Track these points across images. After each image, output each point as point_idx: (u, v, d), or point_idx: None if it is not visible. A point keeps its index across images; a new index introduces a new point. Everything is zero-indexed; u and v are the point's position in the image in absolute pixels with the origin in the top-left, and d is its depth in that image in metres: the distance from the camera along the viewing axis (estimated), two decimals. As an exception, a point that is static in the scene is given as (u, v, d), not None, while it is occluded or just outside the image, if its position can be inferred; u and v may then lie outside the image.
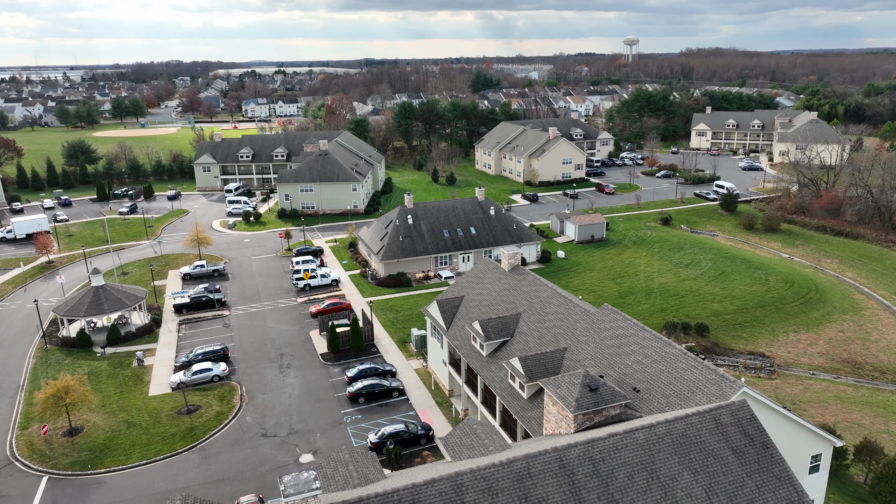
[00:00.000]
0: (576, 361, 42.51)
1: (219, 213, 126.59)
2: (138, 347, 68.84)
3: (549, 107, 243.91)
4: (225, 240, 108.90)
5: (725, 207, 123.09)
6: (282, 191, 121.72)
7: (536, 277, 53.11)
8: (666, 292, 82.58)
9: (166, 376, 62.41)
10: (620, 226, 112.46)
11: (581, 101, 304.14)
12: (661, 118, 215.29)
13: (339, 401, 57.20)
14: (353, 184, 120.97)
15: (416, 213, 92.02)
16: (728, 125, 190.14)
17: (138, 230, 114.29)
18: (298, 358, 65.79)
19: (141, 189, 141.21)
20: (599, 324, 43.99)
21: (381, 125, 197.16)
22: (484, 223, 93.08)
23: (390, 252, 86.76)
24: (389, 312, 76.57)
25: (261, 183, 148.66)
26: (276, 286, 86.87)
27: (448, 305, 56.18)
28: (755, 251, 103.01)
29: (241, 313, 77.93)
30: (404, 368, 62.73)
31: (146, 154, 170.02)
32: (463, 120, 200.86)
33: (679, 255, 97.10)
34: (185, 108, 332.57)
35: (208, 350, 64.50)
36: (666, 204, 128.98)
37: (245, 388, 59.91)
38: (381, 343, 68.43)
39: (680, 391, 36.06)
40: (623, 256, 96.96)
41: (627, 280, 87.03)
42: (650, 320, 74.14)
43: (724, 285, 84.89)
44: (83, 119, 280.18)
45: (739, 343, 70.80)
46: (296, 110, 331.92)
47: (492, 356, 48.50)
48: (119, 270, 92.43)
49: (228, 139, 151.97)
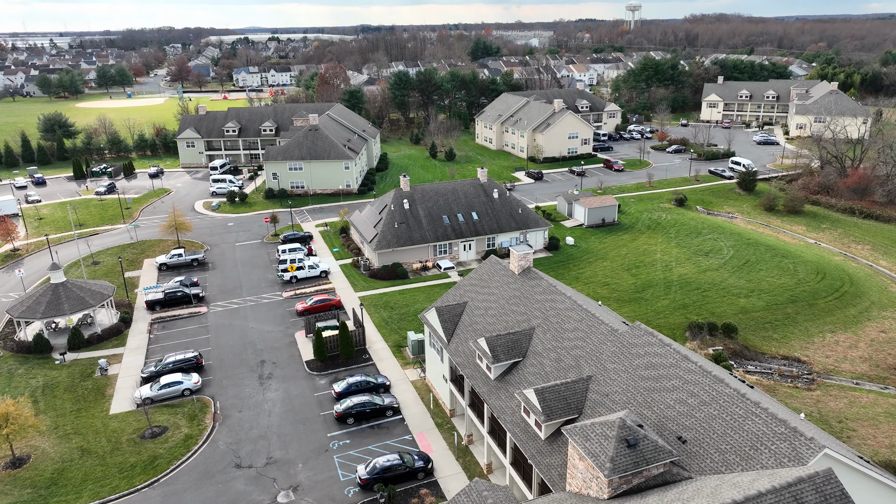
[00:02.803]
0: (603, 395, 35.44)
1: (203, 193, 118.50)
2: (103, 353, 61.71)
3: (552, 76, 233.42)
4: (207, 223, 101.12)
5: (743, 186, 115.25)
6: (269, 169, 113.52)
7: (551, 283, 45.79)
8: (687, 285, 75.40)
9: (132, 388, 55.45)
10: (632, 207, 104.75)
11: (584, 70, 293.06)
12: (669, 88, 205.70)
13: (326, 421, 50.36)
14: (346, 161, 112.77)
15: (413, 196, 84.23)
16: (741, 96, 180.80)
17: (115, 212, 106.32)
18: (281, 366, 58.80)
19: (121, 166, 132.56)
20: (630, 348, 36.83)
21: (377, 96, 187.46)
22: (487, 207, 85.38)
23: (384, 240, 79.24)
24: (383, 310, 69.40)
25: (248, 159, 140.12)
26: (260, 278, 79.56)
27: (449, 314, 48.95)
28: (778, 236, 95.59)
29: (221, 310, 70.73)
30: (400, 380, 55.78)
31: (128, 128, 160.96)
32: (462, 91, 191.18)
33: (698, 241, 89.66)
34: (174, 77, 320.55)
35: (179, 359, 57.46)
36: (679, 182, 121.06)
37: (219, 405, 53.00)
38: (374, 348, 61.37)
39: (738, 446, 29.03)
40: (637, 243, 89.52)
41: (644, 271, 79.76)
42: (672, 319, 67.12)
43: (749, 277, 77.67)
44: (66, 89, 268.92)
45: (771, 345, 63.86)
46: (289, 79, 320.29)
47: (501, 380, 41.43)
48: (89, 260, 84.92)
49: (213, 112, 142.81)
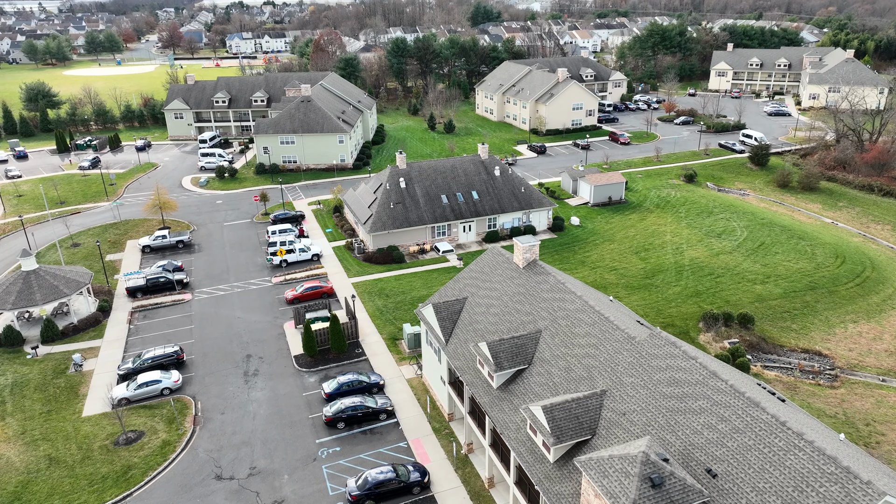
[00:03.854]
0: (620, 414, 31.61)
1: (191, 168, 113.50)
2: (79, 346, 57.89)
3: (555, 44, 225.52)
4: (195, 201, 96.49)
5: (755, 161, 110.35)
6: (259, 143, 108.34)
7: (559, 279, 41.65)
8: (699, 270, 71.31)
9: (107, 387, 51.72)
10: (640, 184, 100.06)
11: (588, 36, 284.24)
12: (676, 56, 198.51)
13: (314, 425, 46.74)
14: (340, 135, 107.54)
15: (410, 174, 79.54)
16: (751, 64, 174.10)
17: (98, 189, 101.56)
18: (268, 361, 55.02)
19: (106, 139, 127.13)
20: (650, 359, 32.88)
21: (374, 64, 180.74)
22: (488, 186, 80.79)
23: (380, 222, 74.86)
24: (378, 298, 65.40)
25: (239, 131, 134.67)
26: (248, 261, 75.38)
27: (447, 311, 44.92)
28: (793, 215, 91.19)
29: (206, 298, 66.73)
30: (394, 378, 52.04)
31: (114, 98, 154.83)
32: (462, 58, 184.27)
33: (709, 221, 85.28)
34: (166, 43, 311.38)
35: (159, 354, 53.64)
36: (688, 157, 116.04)
37: (201, 406, 49.34)
38: (368, 342, 57.52)
39: (779, 486, 25.25)
40: (646, 223, 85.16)
41: (653, 254, 75.58)
42: (684, 308, 63.19)
43: (765, 261, 73.54)
44: (53, 56, 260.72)
45: (790, 337, 60.06)
46: (283, 45, 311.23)
47: (504, 390, 37.60)
48: (68, 242, 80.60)
49: (202, 82, 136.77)
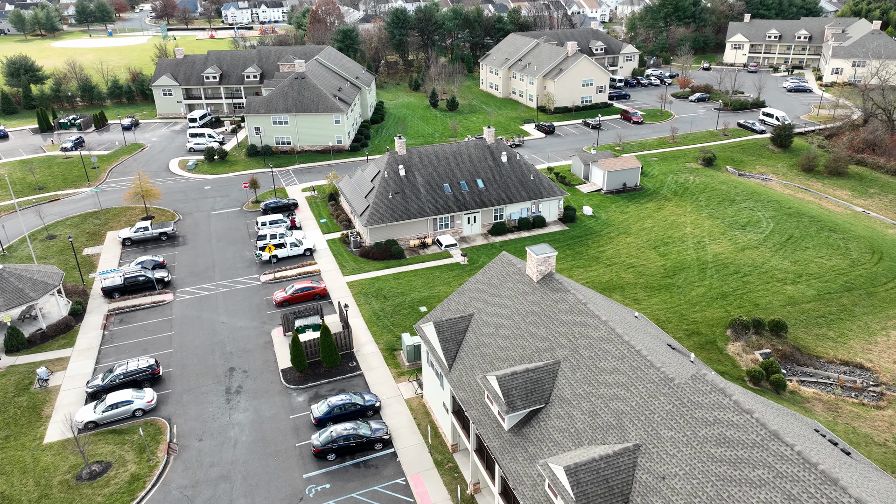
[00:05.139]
0: (658, 478, 26.37)
1: (179, 150, 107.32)
2: (46, 356, 52.80)
3: (563, 14, 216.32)
4: (181, 186, 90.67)
5: (777, 143, 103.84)
6: (251, 123, 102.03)
7: (579, 298, 36.13)
8: (724, 268, 65.69)
9: (75, 405, 46.82)
10: (655, 168, 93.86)
11: (597, 6, 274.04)
12: (690, 27, 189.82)
13: (302, 455, 41.74)
14: (336, 115, 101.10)
15: (410, 161, 73.55)
16: (769, 36, 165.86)
17: (80, 173, 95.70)
18: (253, 376, 49.91)
19: (91, 117, 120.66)
20: (693, 409, 27.51)
21: (373, 36, 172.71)
22: (494, 173, 74.81)
23: (377, 214, 69.13)
24: (375, 300, 60.04)
25: (231, 109, 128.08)
26: (236, 256, 69.92)
27: (450, 330, 39.53)
28: (820, 203, 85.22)
29: (189, 299, 61.45)
30: (392, 398, 46.90)
31: (101, 72, 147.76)
32: (466, 30, 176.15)
33: (732, 210, 79.38)
34: (159, 13, 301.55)
35: (132, 369, 48.48)
36: (706, 137, 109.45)
37: (176, 430, 44.34)
38: (363, 352, 52.31)
39: None
40: (663, 213, 79.30)
41: (673, 249, 69.89)
42: (710, 313, 57.77)
43: (795, 257, 67.88)
44: (42, 26, 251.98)
45: (827, 346, 54.75)
46: (281, 15, 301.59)
47: (517, 433, 32.39)
48: (43, 233, 75.09)
49: (192, 56, 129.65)
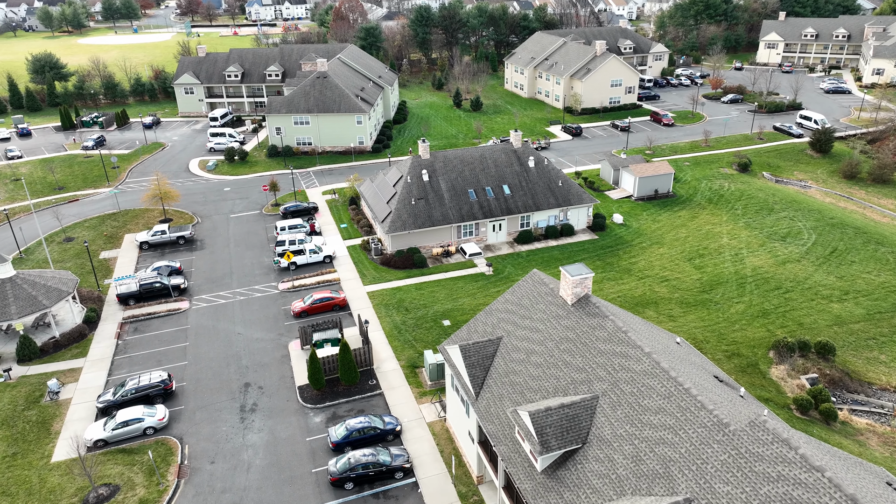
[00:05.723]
0: (713, 541, 23.52)
1: (199, 149, 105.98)
2: (58, 367, 51.28)
3: (590, 11, 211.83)
4: (201, 188, 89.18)
5: (816, 147, 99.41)
6: (272, 123, 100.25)
7: (618, 325, 33.29)
8: (764, 283, 62.17)
9: (85, 420, 45.13)
10: (688, 174, 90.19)
11: (624, 2, 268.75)
12: (721, 25, 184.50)
13: (318, 483, 39.49)
14: (358, 115, 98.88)
15: (434, 166, 71.00)
16: (805, 35, 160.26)
17: (99, 173, 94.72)
18: (269, 393, 47.82)
19: (112, 115, 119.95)
20: (753, 462, 24.57)
21: (396, 34, 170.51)
22: (521, 179, 71.96)
23: (399, 221, 66.72)
24: (396, 312, 57.64)
25: (253, 108, 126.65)
26: (254, 262, 68.00)
27: (477, 355, 36.95)
28: (864, 213, 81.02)
29: (205, 307, 59.63)
30: (413, 421, 44.46)
31: (124, 70, 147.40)
32: (490, 27, 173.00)
33: (771, 220, 75.61)
34: (184, 10, 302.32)
35: (144, 384, 46.65)
36: (740, 141, 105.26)
37: (188, 451, 42.38)
38: (383, 369, 49.95)
39: None
40: (697, 221, 75.80)
41: (709, 261, 66.47)
42: (751, 332, 54.42)
43: (840, 272, 64.10)
44: (69, 23, 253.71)
45: (879, 371, 51.15)
46: (304, 12, 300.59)
47: (550, 475, 29.71)
48: (60, 235, 73.94)
49: (214, 54, 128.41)
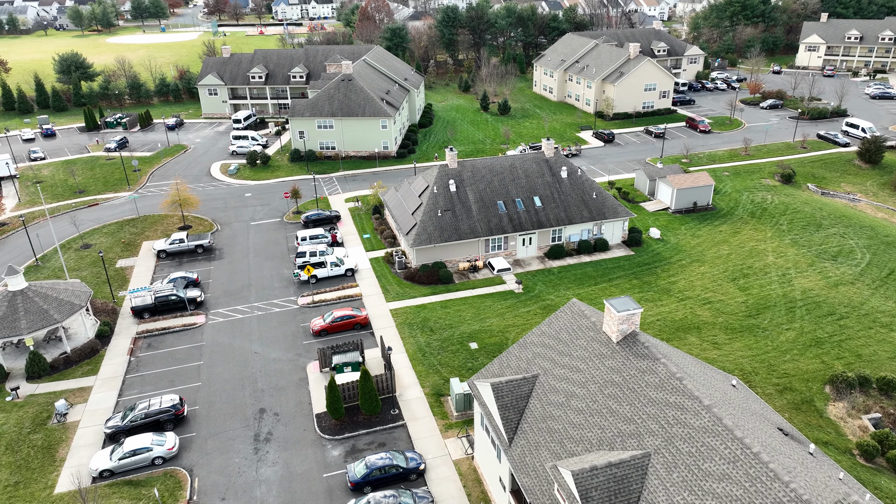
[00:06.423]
0: None
1: (222, 152, 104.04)
2: (68, 385, 49.06)
3: (621, 12, 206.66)
4: (221, 193, 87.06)
5: (865, 158, 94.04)
6: (295, 126, 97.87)
7: (671, 369, 29.68)
8: (815, 307, 57.80)
9: (92, 447, 42.74)
10: (728, 185, 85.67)
11: (655, 3, 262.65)
12: (758, 27, 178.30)
13: (335, 526, 36.57)
14: (383, 119, 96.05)
15: (462, 175, 67.74)
16: (849, 37, 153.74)
17: (120, 176, 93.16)
18: (285, 420, 45.00)
19: (136, 116, 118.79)
20: (840, 550, 20.94)
21: (422, 34, 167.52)
22: (553, 190, 68.36)
23: (425, 233, 63.59)
24: (420, 333, 54.50)
25: (277, 110, 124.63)
26: (273, 274, 65.42)
27: (511, 395, 33.63)
28: (920, 229, 75.84)
29: (221, 323, 57.14)
30: (439, 457, 41.26)
31: (149, 70, 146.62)
32: (519, 28, 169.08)
33: (820, 237, 70.97)
34: (211, 9, 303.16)
35: (154, 410, 44.13)
36: (782, 150, 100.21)
37: (197, 484, 39.72)
38: (406, 397, 46.83)
39: None
40: (740, 238, 71.45)
41: (755, 282, 62.20)
42: (803, 364, 50.21)
43: (898, 297, 59.47)
44: (99, 22, 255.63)
45: (947, 411, 46.65)
46: (330, 11, 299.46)
47: (595, 544, 26.30)
48: (78, 242, 72.19)
49: (238, 55, 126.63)
